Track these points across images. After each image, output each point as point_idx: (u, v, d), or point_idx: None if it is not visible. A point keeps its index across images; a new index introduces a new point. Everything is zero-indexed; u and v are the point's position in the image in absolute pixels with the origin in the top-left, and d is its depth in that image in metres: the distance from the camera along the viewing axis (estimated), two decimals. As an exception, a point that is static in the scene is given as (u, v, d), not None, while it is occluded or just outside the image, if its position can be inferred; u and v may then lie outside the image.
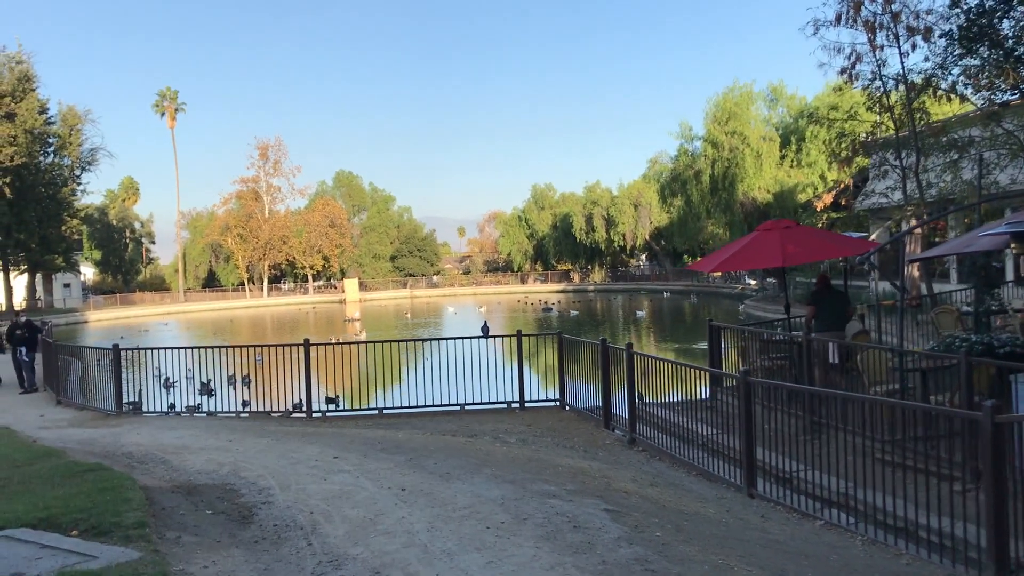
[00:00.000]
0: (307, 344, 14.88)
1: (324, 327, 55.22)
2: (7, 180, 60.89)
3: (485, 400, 15.04)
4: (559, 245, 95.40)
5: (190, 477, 8.73)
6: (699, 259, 17.45)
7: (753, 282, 64.10)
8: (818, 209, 21.61)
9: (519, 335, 15.31)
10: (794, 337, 13.86)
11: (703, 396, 13.85)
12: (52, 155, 70.57)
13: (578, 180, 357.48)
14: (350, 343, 15.84)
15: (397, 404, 15.03)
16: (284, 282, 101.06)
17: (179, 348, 16.31)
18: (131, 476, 8.01)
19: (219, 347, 16.38)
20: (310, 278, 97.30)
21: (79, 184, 73.69)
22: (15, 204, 62.01)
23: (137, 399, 17.46)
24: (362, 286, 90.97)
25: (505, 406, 15.02)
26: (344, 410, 15.30)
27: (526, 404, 15.05)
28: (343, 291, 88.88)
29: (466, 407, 14.96)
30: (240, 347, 16.72)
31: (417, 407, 14.91)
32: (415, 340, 15.40)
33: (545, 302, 68.14)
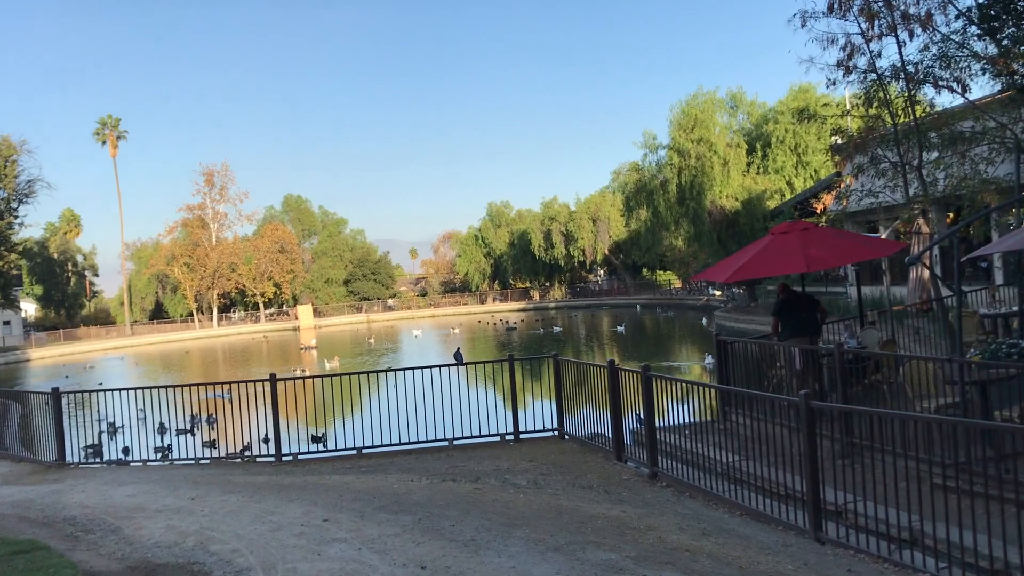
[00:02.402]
0: (274, 379, 13.27)
1: (280, 356, 53.09)
2: (-62, 214, 57.96)
3: (475, 433, 13.57)
4: (517, 263, 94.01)
5: (147, 553, 7.11)
6: (705, 268, 16.15)
7: (718, 292, 63.43)
8: (818, 211, 20.63)
9: (511, 360, 13.87)
10: (823, 349, 12.62)
11: (706, 418, 12.61)
12: (-13, 188, 67.54)
13: (535, 196, 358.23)
14: (321, 376, 14.23)
15: (378, 442, 13.45)
16: (234, 311, 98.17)
17: (133, 389, 14.52)
18: (71, 561, 6.38)
19: (177, 386, 14.63)
20: (261, 306, 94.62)
21: (16, 217, 70.56)
22: (-52, 239, 59.02)
23: (97, 442, 15.70)
24: (316, 312, 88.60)
25: (498, 439, 13.57)
26: (317, 452, 13.67)
27: (521, 435, 13.60)
28: (296, 318, 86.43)
29: (455, 442, 13.47)
30: (201, 385, 14.96)
31: (400, 444, 13.38)
32: (390, 370, 13.84)
33: (506, 321, 66.68)
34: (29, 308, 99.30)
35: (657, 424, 13.20)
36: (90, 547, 7.64)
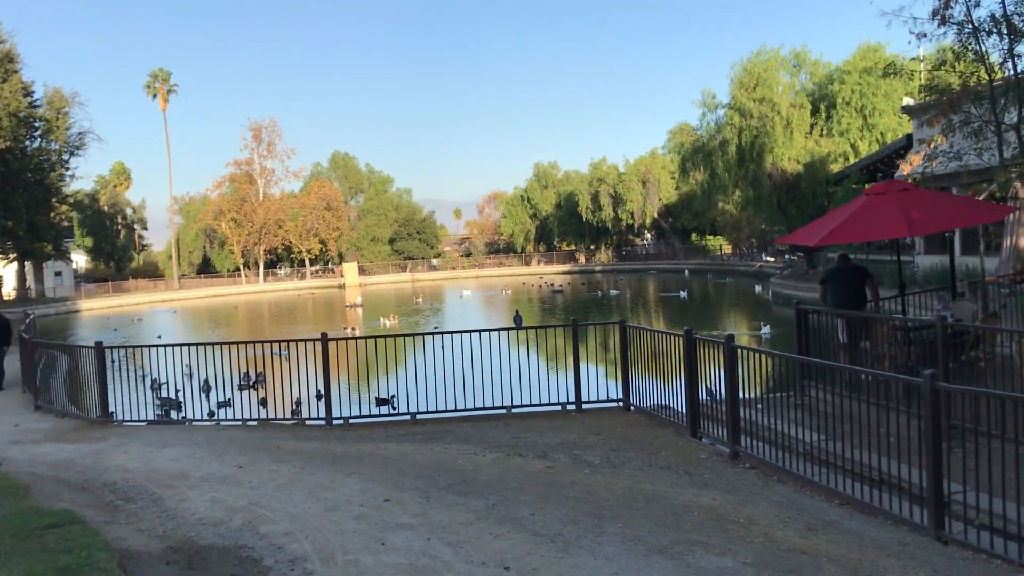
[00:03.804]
0: (325, 339, 12.56)
1: (326, 314, 52.87)
2: (-9, 165, 58.28)
3: (535, 402, 12.76)
4: (563, 225, 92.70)
5: (190, 531, 6.43)
6: (792, 232, 15.07)
7: (771, 259, 61.82)
8: (905, 173, 19.32)
9: (575, 324, 12.99)
10: (919, 321, 11.62)
11: (779, 392, 11.68)
12: (38, 139, 67.78)
13: (583, 158, 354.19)
14: (374, 337, 13.49)
15: (432, 408, 12.72)
16: (280, 267, 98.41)
17: (178, 345, 13.91)
18: (107, 541, 5.69)
19: (225, 343, 13.98)
20: (307, 263, 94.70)
21: (67, 169, 70.93)
22: (1, 190, 59.33)
23: (165, 412, 15.24)
24: (361, 270, 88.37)
25: (559, 408, 12.74)
26: (370, 416, 12.97)
27: (583, 406, 12.76)
28: (342, 275, 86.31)
29: (513, 410, 12.68)
30: (251, 343, 14.31)
31: (456, 411, 12.63)
32: (447, 332, 13.04)
33: (552, 283, 65.80)
34: (80, 260, 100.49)
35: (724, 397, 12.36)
36: (129, 519, 7.00)
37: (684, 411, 11.10)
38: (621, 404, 12.76)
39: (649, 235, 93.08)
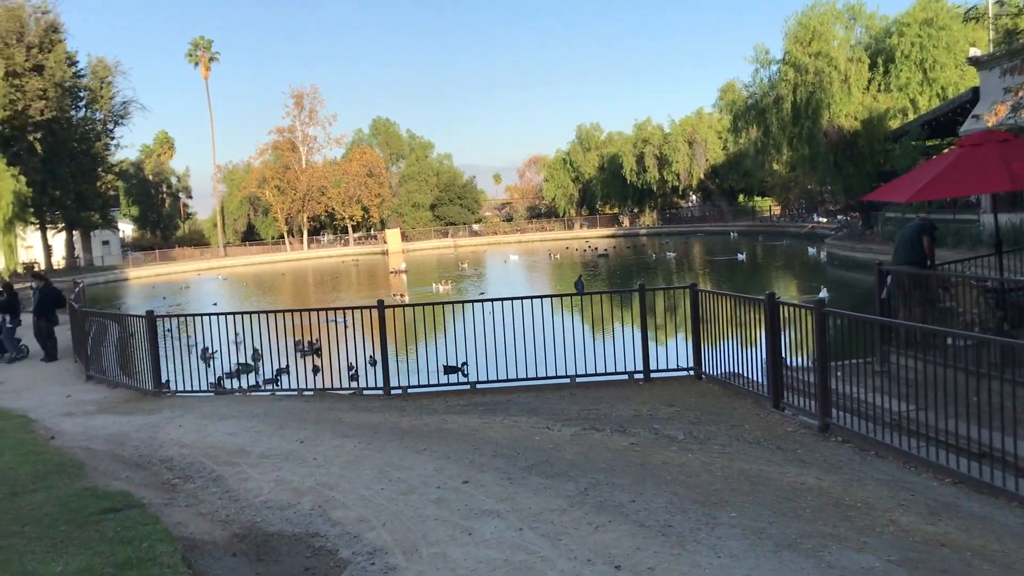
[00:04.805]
0: (382, 306, 12.06)
1: (370, 280, 52.68)
2: (38, 136, 58.67)
3: (599, 371, 12.17)
4: (607, 187, 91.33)
5: (255, 516, 5.95)
6: (878, 187, 14.20)
7: (823, 219, 60.26)
8: (989, 124, 18.18)
9: (642, 289, 12.32)
10: (1014, 282, 10.81)
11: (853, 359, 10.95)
12: (83, 109, 68.22)
13: (626, 119, 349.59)
14: (432, 304, 12.95)
15: (492, 376, 12.19)
16: (323, 234, 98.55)
17: (233, 313, 13.51)
18: (167, 530, 5.22)
19: (281, 311, 13.54)
20: (350, 229, 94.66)
21: (112, 139, 71.44)
22: (48, 160, 59.80)
23: (217, 380, 14.95)
24: (403, 236, 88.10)
25: (626, 377, 12.13)
26: (428, 385, 12.47)
27: (651, 375, 12.13)
28: (385, 242, 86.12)
29: (577, 379, 12.11)
30: (308, 311, 13.87)
31: (518, 380, 12.09)
32: (507, 299, 12.44)
33: (596, 247, 64.93)
34: (126, 229, 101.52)
35: (793, 363, 11.68)
36: (189, 502, 6.56)
37: (764, 381, 10.46)
38: (692, 373, 12.11)
39: (695, 197, 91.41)
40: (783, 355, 10.58)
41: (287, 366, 15.21)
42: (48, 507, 6.18)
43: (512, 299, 12.55)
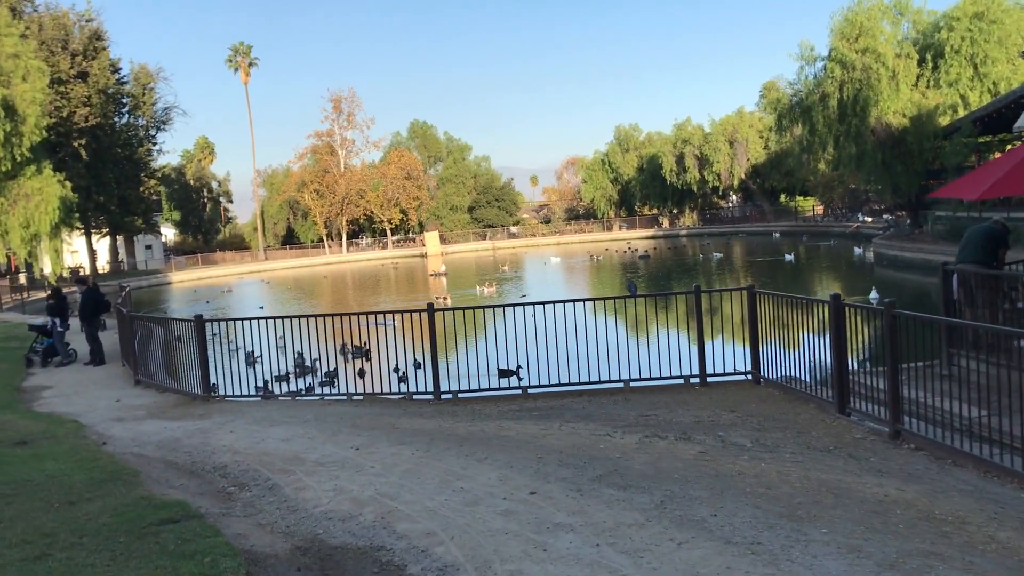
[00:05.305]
0: (431, 309, 11.88)
1: (410, 283, 52.70)
2: (83, 142, 59.47)
3: (654, 375, 11.87)
4: (646, 188, 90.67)
5: (316, 527, 5.76)
6: (945, 184, 13.76)
7: (868, 219, 59.21)
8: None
9: (697, 291, 12.00)
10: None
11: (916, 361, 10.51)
12: (126, 115, 69.18)
13: (665, 119, 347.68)
14: (482, 307, 12.75)
15: (544, 381, 11.96)
16: (362, 237, 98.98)
17: (280, 317, 13.40)
18: (229, 542, 5.04)
19: (329, 315, 13.41)
20: (388, 232, 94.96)
21: (154, 144, 72.42)
22: (92, 166, 60.63)
23: (264, 385, 14.89)
24: (441, 239, 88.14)
25: (682, 382, 11.82)
26: (479, 390, 12.24)
27: (708, 379, 11.81)
28: (423, 244, 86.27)
29: (631, 383, 11.83)
30: (356, 314, 13.70)
31: (570, 384, 11.84)
32: (557, 302, 12.19)
33: (636, 249, 64.42)
34: (168, 233, 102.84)
35: (858, 367, 11.30)
36: (247, 511, 6.39)
37: (828, 385, 10.10)
38: (750, 377, 11.77)
39: (735, 197, 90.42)
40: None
41: (335, 369, 15.09)
42: (105, 516, 6.05)
43: (563, 302, 12.30)
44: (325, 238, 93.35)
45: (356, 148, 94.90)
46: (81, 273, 57.04)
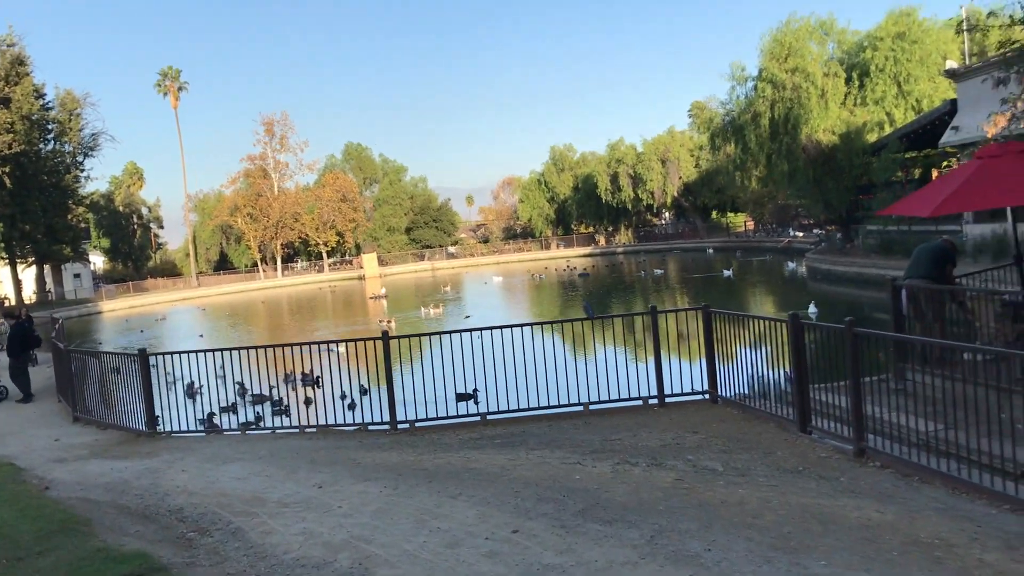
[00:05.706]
0: (386, 337, 11.62)
1: (349, 307, 52.02)
2: (7, 169, 57.44)
3: (612, 397, 11.80)
4: (582, 207, 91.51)
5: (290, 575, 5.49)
6: (899, 202, 13.99)
7: (799, 234, 60.48)
8: (989, 135, 18.05)
9: (654, 311, 12.01)
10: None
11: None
12: (52, 142, 67.11)
13: (599, 139, 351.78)
14: (438, 333, 12.53)
15: (502, 407, 11.80)
16: (298, 261, 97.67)
17: (228, 349, 12.95)
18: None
19: (279, 345, 13.00)
20: (324, 255, 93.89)
21: (82, 171, 70.32)
22: (17, 194, 58.61)
23: (208, 418, 14.41)
24: (379, 260, 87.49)
25: (640, 403, 11.77)
26: (436, 419, 11.99)
27: (666, 399, 11.79)
28: (361, 267, 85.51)
29: (590, 407, 11.75)
30: (308, 344, 13.31)
31: (529, 410, 11.69)
32: (513, 326, 12.04)
33: (575, 268, 64.77)
34: (97, 261, 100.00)
35: (814, 383, 11.39)
36: (212, 560, 6.08)
37: (788, 403, 10.15)
38: (707, 396, 11.79)
39: (668, 215, 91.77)
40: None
41: (281, 399, 14.67)
42: (60, 574, 5.69)
43: (520, 326, 12.16)
44: (260, 262, 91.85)
45: (290, 171, 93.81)
46: (6, 304, 55.00)
